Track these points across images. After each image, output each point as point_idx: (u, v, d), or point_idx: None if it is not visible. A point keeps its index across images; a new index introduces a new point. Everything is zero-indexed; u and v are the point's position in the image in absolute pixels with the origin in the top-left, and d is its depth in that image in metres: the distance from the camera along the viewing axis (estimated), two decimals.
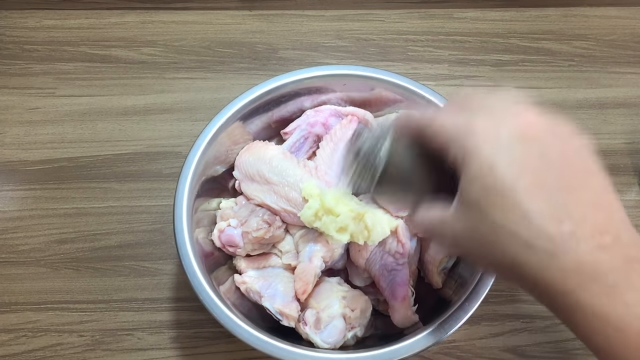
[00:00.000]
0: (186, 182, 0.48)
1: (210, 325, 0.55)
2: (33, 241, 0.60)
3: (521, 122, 0.28)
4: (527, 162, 0.27)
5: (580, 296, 0.26)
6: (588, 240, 0.26)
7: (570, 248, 0.26)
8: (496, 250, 0.28)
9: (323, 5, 0.76)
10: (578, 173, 0.27)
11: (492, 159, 0.27)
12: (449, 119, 0.30)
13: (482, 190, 0.27)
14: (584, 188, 0.27)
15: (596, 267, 0.26)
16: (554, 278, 0.26)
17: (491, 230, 0.27)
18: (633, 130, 0.68)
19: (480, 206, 0.28)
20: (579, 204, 0.27)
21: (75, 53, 0.72)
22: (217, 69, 0.71)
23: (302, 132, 0.55)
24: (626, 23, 0.76)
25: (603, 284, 0.25)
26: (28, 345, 0.55)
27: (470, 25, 0.75)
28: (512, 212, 0.26)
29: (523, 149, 0.27)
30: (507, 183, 0.27)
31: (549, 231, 0.26)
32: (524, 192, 0.26)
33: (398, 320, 0.49)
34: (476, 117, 0.29)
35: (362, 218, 0.46)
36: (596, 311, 0.26)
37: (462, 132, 0.29)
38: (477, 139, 0.28)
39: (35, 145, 0.65)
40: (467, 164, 0.28)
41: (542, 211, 0.26)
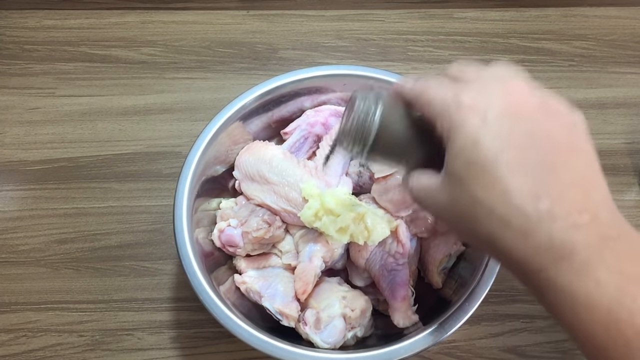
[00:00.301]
0: (186, 182, 0.48)
1: (210, 325, 0.55)
2: (33, 241, 0.60)
3: (511, 98, 0.28)
4: (512, 138, 0.27)
5: (551, 274, 0.26)
6: (564, 219, 0.26)
7: (545, 226, 0.26)
8: (474, 224, 0.28)
9: (323, 5, 0.76)
10: (563, 151, 0.27)
11: (477, 133, 0.27)
12: (439, 90, 0.30)
13: (465, 164, 0.27)
14: (566, 166, 0.27)
15: (569, 245, 0.26)
16: (527, 255, 0.27)
17: (471, 204, 0.28)
18: (633, 130, 0.68)
19: (462, 180, 0.28)
20: (559, 182, 0.26)
21: (75, 53, 0.72)
22: (217, 69, 0.71)
23: (302, 132, 0.55)
24: (626, 23, 0.76)
25: (574, 261, 0.25)
26: (28, 345, 0.55)
27: (470, 25, 0.75)
28: (492, 187, 0.27)
29: (509, 125, 0.27)
30: (490, 158, 0.27)
31: (526, 209, 0.26)
32: (505, 167, 0.26)
33: (398, 320, 0.49)
34: (465, 91, 0.29)
35: (362, 218, 0.46)
36: (566, 289, 0.26)
37: (452, 103, 0.28)
38: (464, 113, 0.28)
39: (35, 145, 0.65)
40: (453, 137, 0.28)
41: (521, 188, 0.26)
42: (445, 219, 0.31)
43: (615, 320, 0.25)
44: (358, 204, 0.47)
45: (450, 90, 0.29)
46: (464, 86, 0.29)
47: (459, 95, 0.28)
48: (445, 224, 0.35)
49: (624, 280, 0.25)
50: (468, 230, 0.29)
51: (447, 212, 0.30)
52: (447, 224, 0.32)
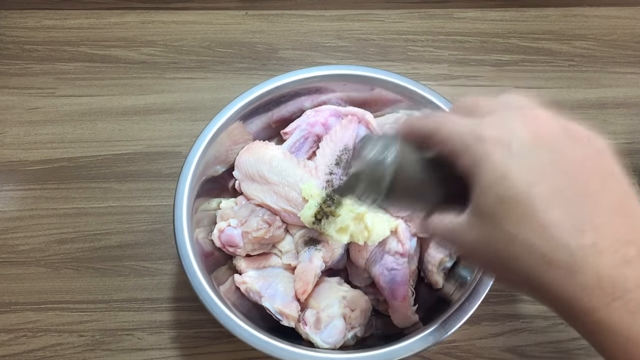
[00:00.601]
0: (186, 182, 0.48)
1: (210, 325, 0.55)
2: (33, 241, 0.60)
3: (533, 127, 0.26)
4: (541, 168, 0.25)
5: (603, 314, 0.24)
6: (611, 253, 0.24)
7: (592, 262, 0.24)
8: (511, 262, 0.26)
9: (323, 5, 0.76)
10: (596, 178, 0.26)
11: (504, 166, 0.26)
12: (457, 124, 0.28)
13: (496, 200, 0.26)
14: (603, 193, 0.26)
15: (620, 283, 0.24)
16: (575, 295, 0.25)
17: (506, 242, 0.26)
18: (633, 130, 0.68)
19: (494, 216, 0.26)
20: (599, 211, 0.25)
21: (75, 53, 0.72)
22: (217, 69, 0.71)
23: (302, 132, 0.55)
24: (626, 23, 0.76)
25: (628, 301, 0.24)
26: (28, 345, 0.55)
27: (470, 25, 0.75)
28: (528, 222, 0.25)
29: (537, 155, 0.26)
30: (522, 191, 0.25)
31: (569, 244, 0.24)
32: (540, 200, 0.25)
33: (398, 320, 0.49)
34: (485, 124, 0.27)
35: (362, 218, 0.46)
36: (620, 330, 0.24)
37: (472, 138, 0.27)
38: (487, 146, 0.26)
39: (35, 145, 0.65)
40: (479, 173, 0.27)
41: (561, 221, 0.25)
42: (478, 258, 0.29)
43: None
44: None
45: (468, 124, 0.28)
46: (482, 120, 0.28)
47: (479, 129, 0.27)
48: (477, 264, 0.33)
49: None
50: (504, 269, 0.27)
51: (478, 251, 0.28)
52: (480, 264, 0.30)
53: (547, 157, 0.26)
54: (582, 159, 0.26)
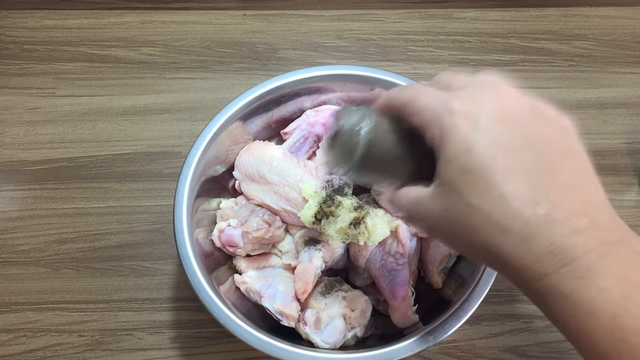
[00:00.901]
0: (186, 182, 0.48)
1: (210, 325, 0.55)
2: (33, 241, 0.60)
3: (502, 104, 0.28)
4: (505, 143, 0.27)
5: (553, 280, 0.26)
6: (563, 223, 0.25)
7: (545, 231, 0.25)
8: (471, 232, 0.27)
9: (323, 5, 0.76)
10: (558, 155, 0.27)
11: (469, 139, 0.27)
12: (429, 98, 0.30)
13: (459, 171, 0.27)
14: (562, 170, 0.27)
15: (570, 250, 0.25)
16: (527, 262, 0.26)
17: (466, 212, 0.27)
18: (633, 130, 0.68)
19: (456, 187, 0.27)
20: (556, 186, 0.26)
21: (75, 53, 0.72)
22: (217, 69, 0.71)
23: (302, 132, 0.55)
24: (626, 23, 0.76)
25: (576, 268, 0.25)
26: (28, 345, 0.55)
27: (470, 25, 0.75)
28: (488, 193, 0.26)
29: (502, 130, 0.27)
30: (484, 164, 0.26)
31: (524, 214, 0.26)
32: (500, 173, 0.26)
33: (398, 320, 0.49)
34: (456, 97, 0.28)
35: (362, 219, 0.46)
36: (568, 295, 0.25)
37: (441, 112, 0.28)
38: (455, 119, 0.27)
39: (35, 145, 0.65)
40: (445, 144, 0.28)
41: (518, 193, 0.26)
42: (439, 230, 0.31)
43: (619, 328, 0.24)
44: (358, 204, 0.47)
45: (441, 97, 0.29)
46: (454, 93, 0.29)
47: (450, 102, 0.28)
48: (439, 237, 0.34)
49: (628, 287, 0.25)
50: (464, 240, 0.29)
51: (440, 222, 0.29)
52: (441, 236, 0.31)
53: (512, 132, 0.27)
54: (546, 137, 0.27)
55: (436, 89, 0.31)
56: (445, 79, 0.31)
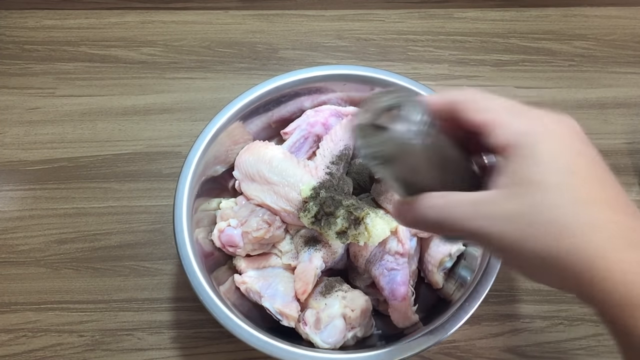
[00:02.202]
0: (186, 182, 0.48)
1: (210, 325, 0.55)
2: (33, 241, 0.60)
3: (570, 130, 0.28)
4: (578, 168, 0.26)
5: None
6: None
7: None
8: (557, 232, 0.25)
9: (323, 5, 0.76)
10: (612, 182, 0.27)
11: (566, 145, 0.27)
12: (498, 101, 0.28)
13: (565, 171, 0.26)
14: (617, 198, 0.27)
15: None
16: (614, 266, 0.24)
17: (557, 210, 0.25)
18: (633, 130, 0.68)
19: (554, 185, 0.25)
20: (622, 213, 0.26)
21: (75, 53, 0.72)
22: (217, 69, 0.71)
23: (302, 132, 0.55)
24: (626, 23, 0.76)
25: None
26: (28, 345, 0.55)
27: (470, 25, 0.75)
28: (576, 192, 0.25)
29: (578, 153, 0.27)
30: (578, 170, 0.26)
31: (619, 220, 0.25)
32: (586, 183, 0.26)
33: (398, 320, 0.49)
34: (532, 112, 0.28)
35: (362, 219, 0.46)
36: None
37: (521, 112, 0.28)
38: (546, 123, 0.27)
39: (35, 145, 0.65)
40: (539, 143, 0.26)
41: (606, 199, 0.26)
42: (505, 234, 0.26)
43: None
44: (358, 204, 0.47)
45: (513, 104, 0.28)
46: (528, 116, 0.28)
47: (526, 110, 0.28)
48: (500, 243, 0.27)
49: None
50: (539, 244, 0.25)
51: (510, 224, 0.26)
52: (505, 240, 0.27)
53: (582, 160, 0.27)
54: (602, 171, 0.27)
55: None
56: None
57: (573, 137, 0.27)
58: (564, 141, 0.27)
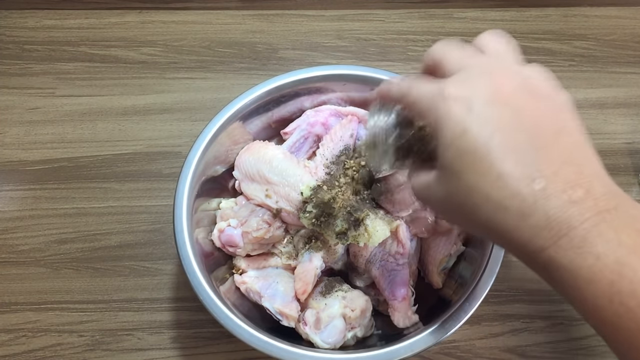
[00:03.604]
0: (186, 182, 0.48)
1: (210, 325, 0.55)
2: (33, 241, 0.60)
3: (494, 86, 0.28)
4: (499, 123, 0.27)
5: (552, 253, 0.26)
6: (559, 196, 0.26)
7: (541, 206, 0.26)
8: (473, 211, 0.28)
9: (323, 5, 0.76)
10: (550, 132, 0.28)
11: (464, 122, 0.28)
12: (423, 87, 0.31)
13: (456, 154, 0.28)
14: (556, 145, 0.27)
15: (566, 221, 0.26)
16: (527, 237, 0.27)
17: (467, 193, 0.28)
18: (633, 130, 0.68)
19: (456, 170, 0.28)
20: (550, 161, 0.27)
21: (75, 53, 0.72)
22: (217, 69, 0.71)
23: (302, 132, 0.55)
24: (626, 23, 0.76)
25: (573, 238, 0.26)
26: (28, 345, 0.55)
27: (470, 25, 0.75)
28: (486, 174, 0.27)
29: (495, 112, 0.28)
30: (480, 146, 0.27)
31: (521, 191, 0.26)
32: (496, 153, 0.27)
33: (398, 320, 0.49)
34: (448, 84, 0.29)
35: (362, 220, 0.46)
36: (567, 266, 0.26)
37: (435, 99, 0.29)
38: (449, 104, 0.28)
39: (35, 145, 0.65)
40: (441, 129, 0.28)
41: (514, 171, 0.27)
42: (445, 212, 0.32)
43: (617, 292, 0.25)
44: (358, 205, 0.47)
45: (434, 85, 0.30)
46: (446, 80, 0.30)
47: (444, 88, 0.29)
48: (447, 218, 0.36)
49: (624, 252, 0.25)
50: (468, 219, 0.30)
51: (445, 204, 0.31)
52: (447, 217, 0.33)
53: (505, 113, 0.28)
54: (538, 115, 0.28)
55: (428, 74, 0.32)
56: (436, 57, 0.32)
57: (486, 103, 0.28)
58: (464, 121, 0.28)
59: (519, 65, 0.31)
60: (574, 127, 0.29)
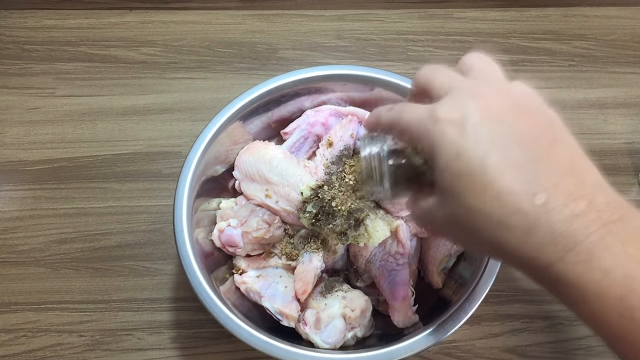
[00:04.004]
0: (186, 182, 0.48)
1: (210, 325, 0.55)
2: (33, 241, 0.60)
3: (483, 105, 0.28)
4: (493, 141, 0.27)
5: (559, 268, 0.26)
6: (561, 210, 0.26)
7: (545, 221, 0.26)
8: (476, 233, 0.28)
9: (323, 5, 0.76)
10: (545, 145, 0.27)
11: (458, 144, 0.27)
12: (413, 113, 0.30)
13: (453, 177, 0.27)
14: (552, 158, 0.27)
15: (571, 236, 0.25)
16: (533, 253, 0.26)
17: (468, 215, 0.28)
18: (633, 130, 0.68)
19: (454, 192, 0.28)
20: (549, 173, 0.26)
21: (75, 53, 0.72)
22: (217, 69, 0.71)
23: (302, 132, 0.55)
24: (626, 23, 0.76)
25: (579, 252, 0.25)
26: (28, 345, 0.55)
27: (470, 25, 0.75)
28: (485, 193, 0.27)
29: (488, 130, 0.27)
30: (476, 166, 0.27)
31: (523, 207, 0.26)
32: (493, 171, 0.26)
33: (398, 320, 0.49)
34: (438, 108, 0.29)
35: (362, 220, 0.46)
36: (575, 281, 0.26)
37: (427, 124, 0.29)
38: (442, 127, 0.28)
39: (35, 145, 0.65)
40: (436, 154, 0.28)
41: (513, 188, 0.26)
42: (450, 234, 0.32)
43: (628, 307, 0.24)
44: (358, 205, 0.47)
45: (424, 110, 0.29)
46: (436, 104, 0.29)
47: (433, 112, 0.28)
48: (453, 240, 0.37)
49: (632, 266, 0.25)
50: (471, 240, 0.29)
51: (449, 227, 0.30)
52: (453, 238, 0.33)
53: (497, 130, 0.27)
54: (530, 130, 0.28)
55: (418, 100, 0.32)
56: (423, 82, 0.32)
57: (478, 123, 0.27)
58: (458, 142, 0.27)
59: (506, 83, 0.31)
60: (568, 138, 0.28)
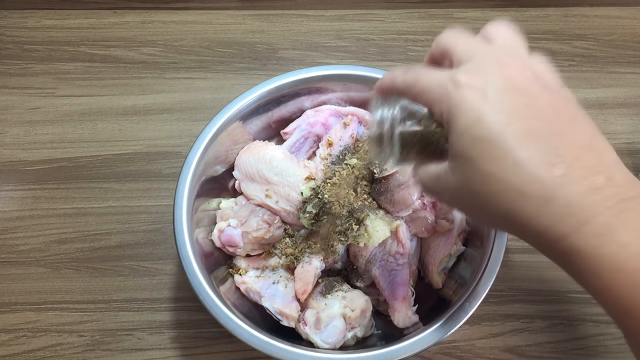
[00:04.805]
0: (186, 182, 0.48)
1: (210, 325, 0.55)
2: (33, 241, 0.60)
3: (507, 75, 0.28)
4: (515, 111, 0.27)
5: (574, 240, 0.26)
6: (580, 182, 0.26)
7: (563, 192, 0.25)
8: (489, 200, 0.28)
9: (323, 5, 0.76)
10: (566, 119, 0.27)
11: (479, 109, 0.27)
12: (433, 76, 0.30)
13: (472, 142, 0.27)
14: (573, 132, 0.27)
15: (589, 208, 0.25)
16: (548, 224, 0.26)
17: (483, 181, 0.27)
18: (633, 130, 0.68)
19: (471, 158, 0.27)
20: (570, 147, 0.26)
21: (75, 53, 0.72)
22: (217, 69, 0.71)
23: (302, 132, 0.55)
24: (626, 23, 0.76)
25: (596, 225, 0.25)
26: (28, 345, 0.55)
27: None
28: (503, 160, 0.26)
29: (510, 99, 0.27)
30: (496, 132, 0.26)
31: (541, 177, 0.26)
32: (513, 139, 0.26)
33: (398, 320, 0.49)
34: (460, 72, 0.28)
35: (362, 221, 0.46)
36: (589, 253, 0.25)
37: (447, 87, 0.28)
38: (463, 91, 0.27)
39: (35, 145, 0.65)
40: (455, 117, 0.28)
41: (533, 157, 0.26)
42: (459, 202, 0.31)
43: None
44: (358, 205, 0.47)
45: (444, 74, 0.29)
46: (457, 68, 0.29)
47: (455, 76, 0.28)
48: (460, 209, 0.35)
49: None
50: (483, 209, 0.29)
51: (459, 194, 0.30)
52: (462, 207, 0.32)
53: (520, 101, 0.27)
54: (552, 103, 0.28)
55: (436, 65, 0.31)
56: (445, 45, 0.31)
57: (500, 91, 0.27)
58: (479, 108, 0.27)
59: (528, 56, 0.30)
60: (586, 116, 0.28)
